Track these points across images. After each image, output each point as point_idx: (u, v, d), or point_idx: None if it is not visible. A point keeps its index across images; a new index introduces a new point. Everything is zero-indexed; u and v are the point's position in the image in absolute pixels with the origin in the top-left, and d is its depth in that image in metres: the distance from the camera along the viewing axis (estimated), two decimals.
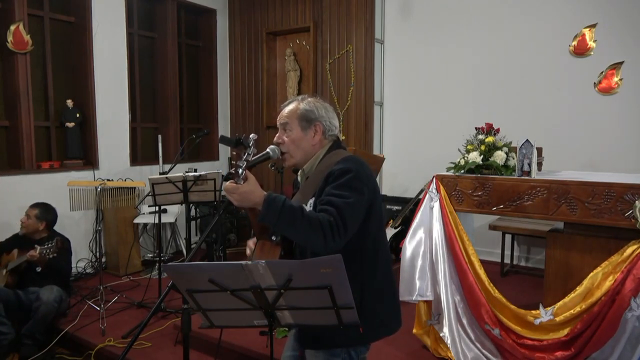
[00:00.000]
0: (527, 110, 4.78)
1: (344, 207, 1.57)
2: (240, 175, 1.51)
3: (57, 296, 3.57)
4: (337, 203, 1.58)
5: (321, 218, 1.54)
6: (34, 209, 3.87)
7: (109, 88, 5.20)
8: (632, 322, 2.38)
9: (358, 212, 1.63)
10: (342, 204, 1.57)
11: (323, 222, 1.53)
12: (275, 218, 1.52)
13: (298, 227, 1.52)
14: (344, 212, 1.56)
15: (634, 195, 2.48)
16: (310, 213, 1.57)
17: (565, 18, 4.57)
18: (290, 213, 1.52)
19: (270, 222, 1.54)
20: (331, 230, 1.53)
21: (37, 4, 4.83)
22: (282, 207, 1.52)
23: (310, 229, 1.52)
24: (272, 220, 1.53)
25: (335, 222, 1.54)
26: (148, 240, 5.63)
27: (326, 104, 1.84)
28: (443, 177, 3.08)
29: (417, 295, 2.95)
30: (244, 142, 1.57)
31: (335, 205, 1.57)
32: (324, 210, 1.58)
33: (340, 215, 1.55)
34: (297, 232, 1.54)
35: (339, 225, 1.54)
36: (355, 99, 5.65)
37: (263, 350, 3.08)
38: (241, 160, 1.53)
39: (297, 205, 1.56)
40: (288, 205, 1.53)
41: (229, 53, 6.65)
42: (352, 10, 5.57)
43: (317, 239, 1.53)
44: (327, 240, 1.52)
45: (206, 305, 1.48)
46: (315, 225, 1.52)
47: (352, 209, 1.59)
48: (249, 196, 1.54)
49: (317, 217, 1.54)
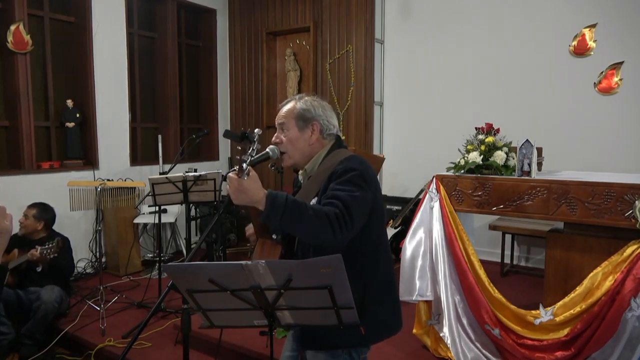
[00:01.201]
0: (527, 110, 4.78)
1: (350, 199, 1.55)
2: (245, 170, 1.47)
3: (58, 296, 3.58)
4: (343, 196, 1.55)
5: (327, 210, 1.51)
6: (32, 209, 3.87)
7: (109, 88, 5.20)
8: (632, 322, 2.38)
9: (364, 206, 1.61)
10: (347, 196, 1.55)
11: (330, 214, 1.49)
12: (280, 214, 1.47)
13: (304, 221, 1.48)
14: (350, 204, 1.54)
15: (634, 195, 2.48)
16: (315, 206, 1.54)
17: (565, 18, 4.57)
18: (295, 207, 1.48)
19: (275, 218, 1.48)
20: (338, 222, 1.49)
21: (37, 4, 4.83)
22: (286, 202, 1.47)
23: (317, 222, 1.48)
24: (276, 216, 1.47)
25: (342, 213, 1.51)
26: (148, 240, 5.63)
27: (324, 103, 1.83)
28: (443, 177, 3.08)
29: (417, 295, 2.95)
30: (249, 137, 1.55)
31: (341, 198, 1.55)
32: (329, 203, 1.55)
33: (346, 207, 1.53)
34: (304, 226, 1.49)
35: (346, 216, 1.51)
36: (355, 99, 5.66)
37: (263, 350, 3.08)
38: (246, 154, 1.49)
39: (300, 200, 1.53)
40: (291, 200, 1.49)
41: (229, 53, 6.65)
42: (352, 10, 5.57)
43: (325, 231, 1.49)
44: (335, 232, 1.49)
45: (206, 305, 1.48)
46: (321, 218, 1.48)
47: (357, 202, 1.57)
48: (249, 193, 1.48)
49: (322, 209, 1.51)
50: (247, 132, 1.57)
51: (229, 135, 2.23)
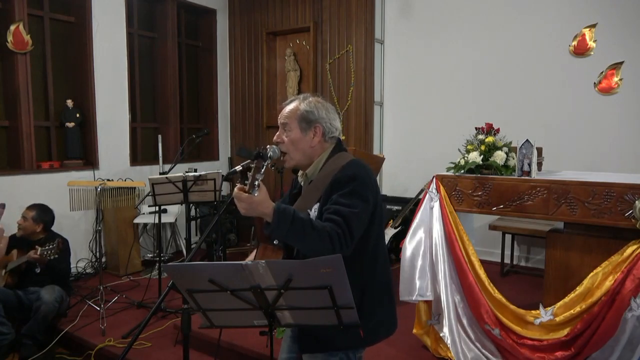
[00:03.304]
0: (527, 110, 4.78)
1: (351, 217, 1.58)
2: (256, 187, 1.51)
3: (58, 296, 3.58)
4: (345, 213, 1.58)
5: (329, 230, 1.54)
6: (31, 210, 3.82)
7: (109, 88, 5.20)
8: (632, 322, 2.38)
9: (364, 221, 1.65)
10: (349, 213, 1.58)
11: (332, 234, 1.54)
12: (285, 231, 1.52)
13: (307, 239, 1.53)
14: (351, 222, 1.57)
15: (634, 195, 2.48)
16: (318, 224, 1.56)
17: (565, 18, 4.57)
18: (300, 225, 1.52)
19: (280, 234, 1.54)
20: (340, 242, 1.54)
21: (37, 4, 4.83)
22: (293, 219, 1.52)
23: (319, 241, 1.53)
24: (282, 232, 1.53)
25: (344, 233, 1.55)
26: (148, 240, 5.63)
27: (328, 105, 1.81)
28: (443, 177, 3.08)
29: (417, 295, 2.95)
30: (263, 155, 1.58)
31: (343, 215, 1.58)
32: (331, 220, 1.58)
33: (348, 225, 1.56)
34: (306, 243, 1.56)
35: (347, 236, 1.55)
36: (355, 99, 5.66)
37: (263, 350, 3.08)
38: (259, 172, 1.52)
39: (305, 217, 1.56)
40: (298, 217, 1.53)
41: (229, 53, 6.65)
42: (352, 10, 5.57)
43: (326, 250, 1.53)
44: (336, 251, 1.53)
45: (206, 305, 1.49)
46: (324, 238, 1.53)
47: (358, 218, 1.60)
48: (258, 207, 1.52)
49: (324, 228, 1.54)
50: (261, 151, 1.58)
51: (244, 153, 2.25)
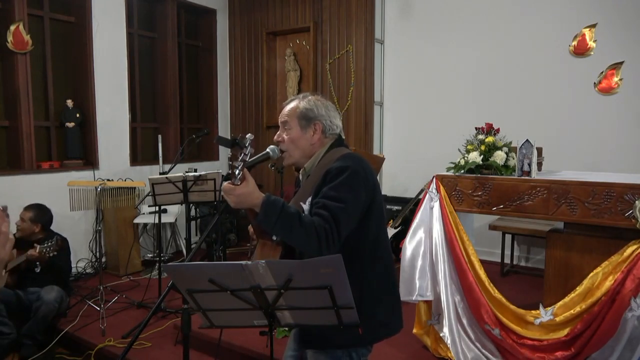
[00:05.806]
0: (527, 110, 4.78)
1: (339, 212, 1.57)
2: (237, 176, 1.48)
3: (58, 296, 3.57)
4: (332, 208, 1.57)
5: (317, 225, 1.53)
6: (28, 211, 3.80)
7: (109, 88, 5.20)
8: (632, 322, 2.38)
9: (353, 216, 1.63)
10: (336, 209, 1.57)
11: (319, 229, 1.53)
12: (273, 222, 1.52)
13: (294, 234, 1.53)
14: (339, 218, 1.56)
15: (634, 195, 2.48)
16: (306, 219, 1.55)
17: (565, 18, 4.57)
18: (288, 219, 1.52)
19: (268, 225, 1.53)
20: (326, 238, 1.53)
21: (37, 4, 4.83)
22: (280, 212, 1.51)
23: (305, 236, 1.52)
24: (269, 223, 1.53)
25: (331, 229, 1.54)
26: (148, 240, 5.63)
27: (327, 103, 1.83)
28: (443, 177, 3.08)
29: (417, 295, 2.95)
30: (240, 143, 1.55)
31: (330, 210, 1.57)
32: (318, 214, 1.57)
33: (335, 221, 1.55)
34: (293, 238, 1.55)
35: (334, 232, 1.55)
36: (355, 99, 5.65)
37: (263, 350, 3.08)
38: (237, 161, 1.50)
39: (294, 211, 1.55)
40: (286, 210, 1.53)
41: (229, 53, 6.65)
42: (352, 10, 5.57)
43: (312, 247, 1.53)
44: (322, 248, 1.53)
45: (206, 305, 1.48)
46: (310, 233, 1.52)
47: (346, 214, 1.59)
48: (246, 198, 1.52)
49: (312, 224, 1.54)
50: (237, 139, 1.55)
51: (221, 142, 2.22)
